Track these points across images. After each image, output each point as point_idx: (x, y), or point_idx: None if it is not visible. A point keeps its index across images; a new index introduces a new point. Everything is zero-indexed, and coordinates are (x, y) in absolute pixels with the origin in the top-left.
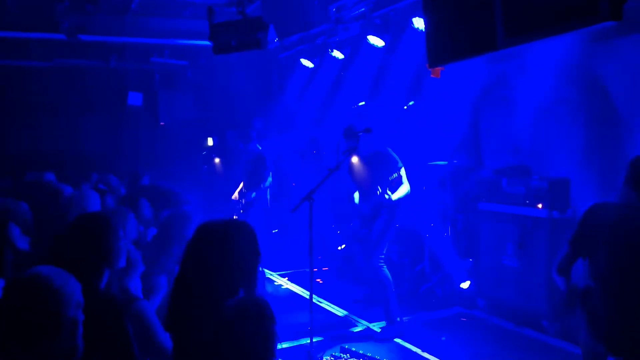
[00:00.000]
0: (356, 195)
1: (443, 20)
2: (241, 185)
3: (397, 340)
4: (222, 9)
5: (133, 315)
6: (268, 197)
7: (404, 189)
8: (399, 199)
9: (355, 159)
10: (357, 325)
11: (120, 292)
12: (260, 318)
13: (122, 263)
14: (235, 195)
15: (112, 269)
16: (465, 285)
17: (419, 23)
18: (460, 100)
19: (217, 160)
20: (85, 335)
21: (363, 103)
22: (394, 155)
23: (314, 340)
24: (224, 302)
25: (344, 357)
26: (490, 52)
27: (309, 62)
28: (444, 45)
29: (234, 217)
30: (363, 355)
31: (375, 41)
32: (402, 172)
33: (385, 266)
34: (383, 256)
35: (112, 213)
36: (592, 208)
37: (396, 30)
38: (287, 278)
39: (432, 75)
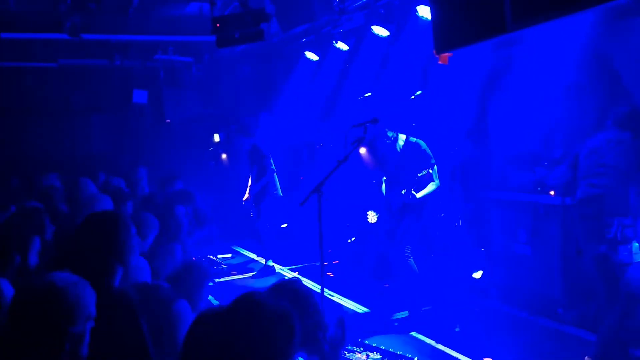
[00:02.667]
0: (384, 185)
1: (450, 5)
2: (249, 183)
3: (412, 332)
4: (225, 2)
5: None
6: (278, 185)
7: (432, 186)
8: (427, 196)
9: (365, 153)
10: (369, 318)
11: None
12: (284, 326)
13: (135, 260)
14: (247, 196)
15: (125, 267)
16: (477, 274)
17: (423, 11)
18: (467, 87)
19: (224, 156)
20: (99, 333)
21: (369, 94)
22: (429, 151)
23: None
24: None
25: (357, 350)
26: (499, 35)
27: (314, 54)
28: (451, 30)
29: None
30: (376, 348)
31: (380, 31)
32: (435, 169)
33: (412, 258)
34: (410, 247)
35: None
36: None
37: (401, 19)
38: (297, 272)
39: (439, 62)
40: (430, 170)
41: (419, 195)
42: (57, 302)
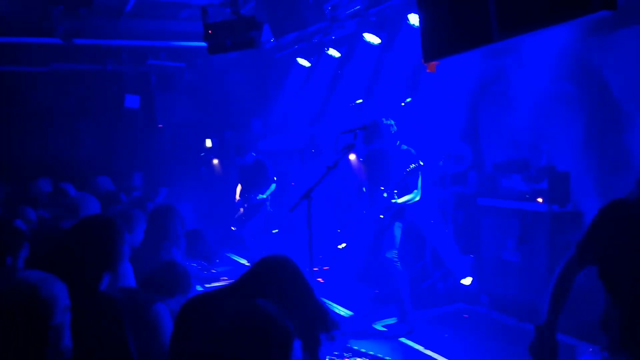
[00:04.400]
0: (365, 189)
1: (437, 14)
2: (239, 187)
3: (400, 338)
4: (217, 9)
5: (152, 315)
6: (268, 202)
7: (414, 194)
8: (408, 203)
9: (355, 159)
10: (359, 324)
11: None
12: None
13: (124, 268)
14: (238, 196)
15: (114, 272)
16: (466, 281)
17: (414, 19)
18: (458, 95)
19: (215, 161)
20: (83, 337)
21: (360, 101)
22: (416, 157)
23: None
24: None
25: (346, 355)
26: (485, 45)
27: (306, 61)
28: (438, 39)
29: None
30: (365, 354)
31: (371, 38)
32: (419, 175)
33: (399, 262)
34: (396, 251)
35: (121, 215)
36: (609, 206)
37: (392, 27)
38: None
39: (427, 70)
40: (410, 173)
41: (401, 200)
42: (33, 299)
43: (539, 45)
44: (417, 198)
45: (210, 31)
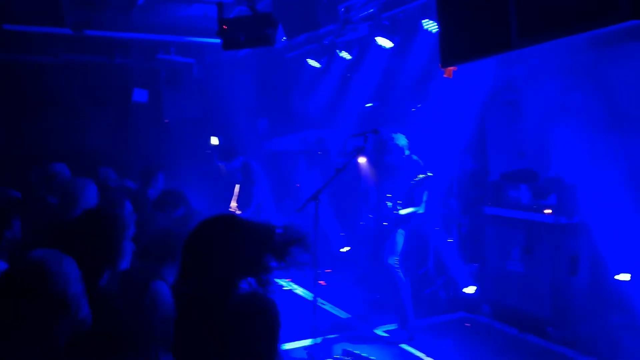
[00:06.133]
0: (370, 194)
1: (456, 20)
2: (236, 190)
3: (401, 344)
4: (231, 5)
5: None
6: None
7: (418, 206)
8: (411, 214)
9: (364, 162)
10: (360, 328)
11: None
12: (265, 315)
13: (125, 264)
14: (233, 205)
15: (114, 270)
16: (470, 290)
17: (427, 25)
18: (467, 104)
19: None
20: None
21: (370, 104)
22: (424, 168)
23: (316, 342)
24: (228, 293)
25: (346, 359)
26: (504, 52)
27: (316, 62)
28: (457, 45)
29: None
30: (365, 358)
31: (384, 42)
32: (425, 188)
33: (400, 269)
34: (398, 258)
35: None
36: None
37: (405, 32)
38: (289, 279)
39: (444, 75)
40: (417, 184)
41: (404, 211)
42: (46, 272)
43: (549, 56)
44: (421, 211)
45: (225, 26)
